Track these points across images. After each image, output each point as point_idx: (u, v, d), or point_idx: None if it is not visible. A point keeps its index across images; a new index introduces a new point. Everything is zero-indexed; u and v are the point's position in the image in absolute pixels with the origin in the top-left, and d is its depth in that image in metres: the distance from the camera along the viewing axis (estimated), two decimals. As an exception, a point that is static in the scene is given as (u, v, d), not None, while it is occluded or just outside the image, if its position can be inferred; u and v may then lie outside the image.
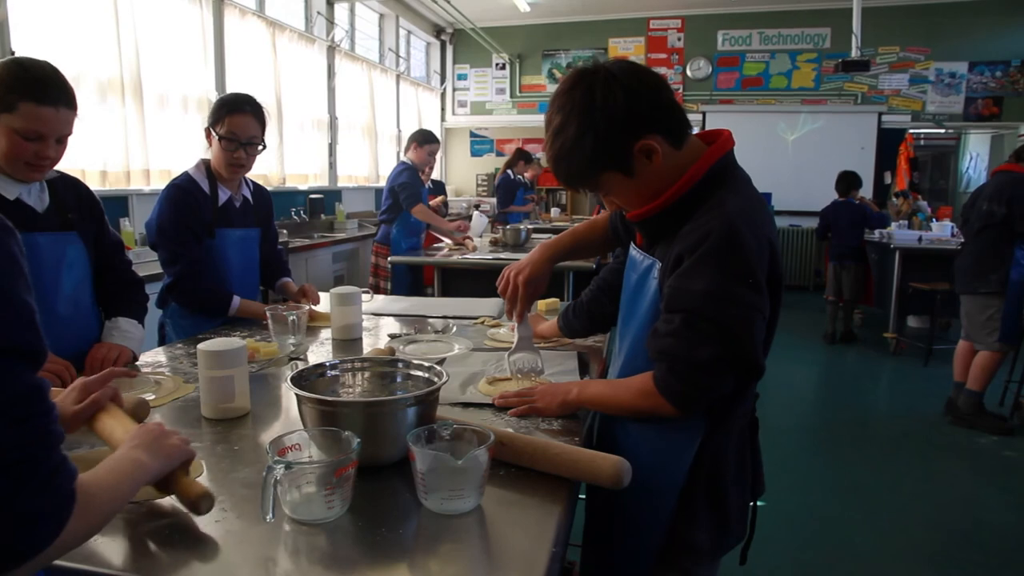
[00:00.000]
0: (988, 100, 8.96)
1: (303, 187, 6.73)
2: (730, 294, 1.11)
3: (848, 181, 6.28)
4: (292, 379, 1.18)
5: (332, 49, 7.14)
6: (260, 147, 2.29)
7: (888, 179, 8.68)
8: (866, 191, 7.35)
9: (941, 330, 6.27)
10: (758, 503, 1.39)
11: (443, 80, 10.51)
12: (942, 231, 6.23)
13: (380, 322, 2.35)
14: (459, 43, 10.43)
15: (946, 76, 9.02)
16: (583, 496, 1.34)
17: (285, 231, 5.75)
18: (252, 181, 2.49)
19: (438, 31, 10.26)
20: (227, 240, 2.32)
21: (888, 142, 8.72)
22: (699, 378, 1.14)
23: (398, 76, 8.97)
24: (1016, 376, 4.35)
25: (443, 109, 10.59)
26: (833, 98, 9.28)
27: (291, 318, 1.94)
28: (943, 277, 5.44)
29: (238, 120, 2.20)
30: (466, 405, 1.47)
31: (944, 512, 3.19)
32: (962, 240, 4.47)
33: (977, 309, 4.11)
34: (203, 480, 1.09)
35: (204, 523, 0.97)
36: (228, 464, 1.17)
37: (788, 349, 5.92)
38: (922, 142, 9.61)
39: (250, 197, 2.43)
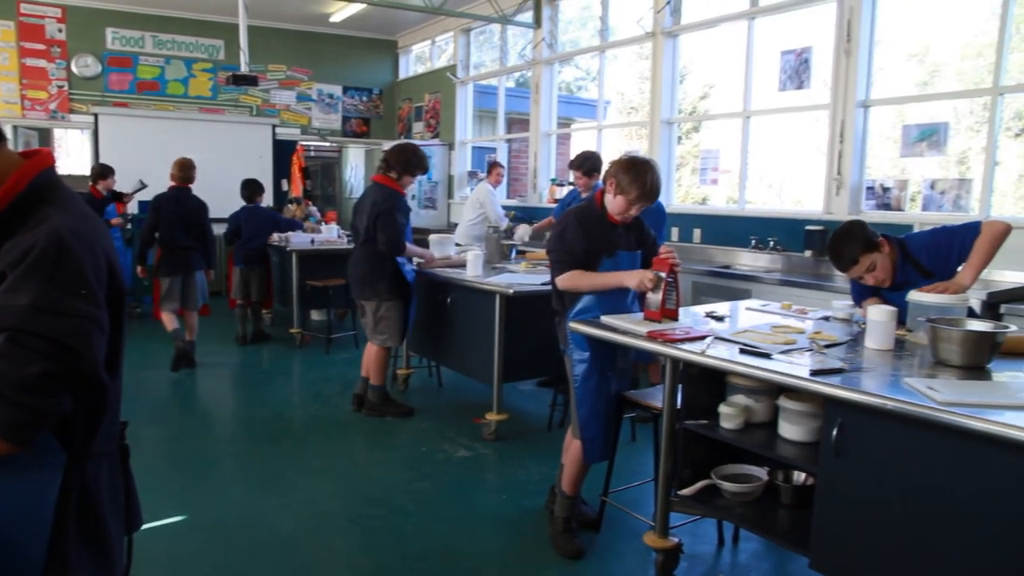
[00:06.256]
0: (360, 120, 10.64)
1: None
2: (60, 306, 1.08)
3: (251, 188, 6.74)
4: None
5: None
6: None
7: (284, 186, 9.53)
8: (266, 198, 7.93)
9: (339, 319, 7.26)
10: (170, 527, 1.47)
11: None
12: (330, 233, 7.16)
13: None
14: None
15: (326, 96, 10.35)
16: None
17: None
18: None
19: None
20: None
21: (283, 152, 9.57)
22: (28, 399, 1.04)
23: None
24: (400, 364, 5.32)
25: None
26: (231, 109, 9.72)
27: None
28: (335, 274, 6.29)
29: None
30: None
31: (346, 480, 3.79)
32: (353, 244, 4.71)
33: (370, 313, 4.57)
34: None
35: None
36: None
37: (203, 355, 6.05)
38: (312, 153, 10.78)
39: None
